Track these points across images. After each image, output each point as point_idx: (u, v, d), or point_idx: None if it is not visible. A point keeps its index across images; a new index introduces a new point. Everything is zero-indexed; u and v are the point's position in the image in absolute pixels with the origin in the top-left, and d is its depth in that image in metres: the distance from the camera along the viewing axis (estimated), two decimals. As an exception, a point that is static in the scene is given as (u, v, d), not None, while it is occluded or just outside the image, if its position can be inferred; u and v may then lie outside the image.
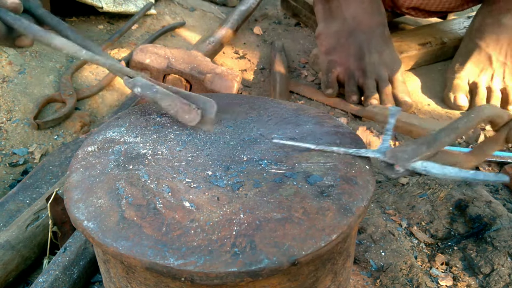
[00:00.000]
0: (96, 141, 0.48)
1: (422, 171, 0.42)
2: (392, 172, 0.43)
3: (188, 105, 0.48)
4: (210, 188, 0.40)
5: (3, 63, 0.98)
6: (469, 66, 1.13)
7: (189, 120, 0.48)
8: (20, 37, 0.56)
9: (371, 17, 1.12)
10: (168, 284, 0.37)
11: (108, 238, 0.36)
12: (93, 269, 0.62)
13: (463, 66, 1.14)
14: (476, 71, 1.13)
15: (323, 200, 0.39)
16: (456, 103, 1.09)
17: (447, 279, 0.63)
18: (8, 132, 0.87)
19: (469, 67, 1.13)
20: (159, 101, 0.49)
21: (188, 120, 0.48)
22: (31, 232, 0.63)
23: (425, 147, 0.43)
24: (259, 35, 1.42)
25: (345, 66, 1.12)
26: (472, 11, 1.49)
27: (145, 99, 0.51)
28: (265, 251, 0.34)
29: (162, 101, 0.49)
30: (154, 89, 0.50)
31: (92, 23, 1.28)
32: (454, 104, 1.10)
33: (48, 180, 0.76)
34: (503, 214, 0.70)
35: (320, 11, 1.18)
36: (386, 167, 0.44)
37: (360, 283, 0.62)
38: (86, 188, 0.41)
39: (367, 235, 0.69)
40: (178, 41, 1.30)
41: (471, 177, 0.41)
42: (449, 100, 1.11)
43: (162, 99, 0.49)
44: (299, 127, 0.50)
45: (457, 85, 1.11)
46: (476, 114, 0.45)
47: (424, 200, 0.76)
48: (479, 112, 0.45)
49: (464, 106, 1.09)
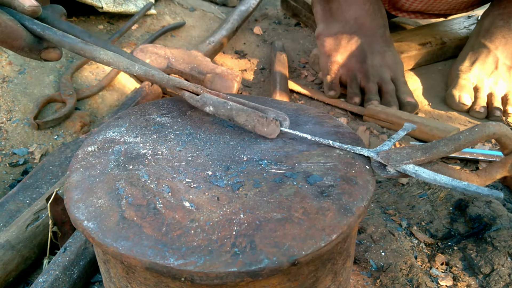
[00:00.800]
0: (96, 141, 0.48)
1: (412, 174, 0.42)
2: (383, 172, 0.43)
3: (265, 118, 0.47)
4: (210, 188, 0.40)
5: (3, 63, 0.98)
6: (476, 68, 1.13)
7: (268, 133, 0.47)
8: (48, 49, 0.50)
9: (372, 19, 1.12)
10: (168, 284, 0.37)
11: (108, 238, 0.36)
12: (93, 269, 0.62)
13: (470, 67, 1.13)
14: (482, 74, 1.12)
15: (323, 200, 0.39)
16: (460, 101, 1.09)
17: (447, 279, 0.63)
18: (8, 132, 0.87)
19: (476, 69, 1.13)
20: (235, 117, 0.48)
21: (268, 133, 0.47)
22: (31, 232, 0.63)
23: (420, 153, 0.43)
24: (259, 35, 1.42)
25: (347, 68, 1.12)
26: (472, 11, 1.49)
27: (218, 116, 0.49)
28: (265, 251, 0.34)
29: (238, 118, 0.48)
30: (228, 106, 0.48)
31: (92, 23, 1.28)
32: (458, 102, 1.09)
33: (48, 180, 0.76)
34: (503, 214, 0.70)
35: (320, 12, 1.18)
36: (378, 166, 0.44)
37: (360, 283, 0.62)
38: (86, 188, 0.41)
39: (367, 235, 0.69)
40: (178, 41, 1.30)
41: (461, 187, 0.40)
42: (452, 98, 1.10)
43: (238, 116, 0.47)
44: (299, 127, 0.50)
45: (464, 85, 1.11)
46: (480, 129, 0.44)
47: (424, 200, 0.76)
48: (483, 128, 0.44)
49: (467, 105, 1.09)
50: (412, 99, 1.06)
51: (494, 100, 1.08)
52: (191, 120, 0.51)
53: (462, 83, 1.11)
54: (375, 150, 0.45)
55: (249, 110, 0.47)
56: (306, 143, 0.47)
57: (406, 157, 0.42)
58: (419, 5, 1.21)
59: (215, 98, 0.49)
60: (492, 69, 1.12)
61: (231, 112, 0.48)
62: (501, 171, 0.46)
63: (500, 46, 1.12)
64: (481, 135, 0.43)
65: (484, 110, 1.07)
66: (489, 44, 1.13)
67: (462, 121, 1.07)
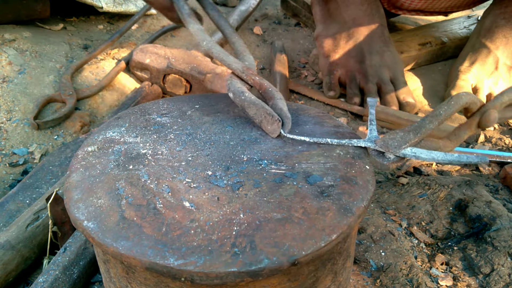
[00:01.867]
0: (96, 141, 0.48)
1: (412, 157, 0.45)
2: (383, 159, 0.45)
3: (272, 116, 0.47)
4: (210, 188, 0.40)
5: (3, 63, 0.98)
6: (475, 68, 1.12)
7: (270, 131, 0.48)
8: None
9: (370, 19, 1.12)
10: (168, 284, 0.37)
11: (108, 238, 0.36)
12: (93, 269, 0.62)
13: (469, 68, 1.13)
14: (482, 74, 1.12)
15: (323, 200, 0.39)
16: None
17: (447, 279, 0.63)
18: (8, 132, 0.87)
19: (476, 69, 1.12)
20: (246, 108, 0.49)
21: (270, 131, 0.48)
22: (31, 232, 0.63)
23: (412, 134, 0.46)
24: (259, 35, 1.42)
25: (346, 68, 1.12)
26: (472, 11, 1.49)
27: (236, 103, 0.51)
28: (265, 251, 0.34)
29: (249, 110, 0.49)
30: (243, 96, 0.50)
31: (92, 23, 1.28)
32: None
33: (48, 180, 0.76)
34: (503, 214, 0.70)
35: (318, 12, 1.18)
36: (377, 154, 0.46)
37: (360, 283, 0.62)
38: (86, 188, 0.41)
39: (367, 235, 0.69)
40: (178, 41, 1.30)
41: (456, 160, 0.45)
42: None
43: (249, 107, 0.49)
44: (299, 127, 0.50)
45: (462, 86, 1.10)
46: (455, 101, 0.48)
47: (424, 200, 0.76)
48: (458, 99, 0.49)
49: None
50: (411, 99, 1.06)
51: None
52: (191, 120, 0.51)
53: (460, 84, 1.11)
54: (370, 139, 0.46)
55: (260, 105, 0.48)
56: (306, 143, 0.47)
57: (402, 141, 0.45)
58: (419, 4, 1.21)
59: (237, 87, 0.51)
60: (492, 70, 1.12)
61: (244, 103, 0.49)
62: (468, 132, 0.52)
63: (501, 46, 1.12)
64: (457, 106, 0.48)
65: None
66: (489, 44, 1.13)
67: (462, 121, 1.07)
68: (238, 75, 0.54)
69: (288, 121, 0.48)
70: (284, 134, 0.47)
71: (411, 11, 1.27)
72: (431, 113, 0.48)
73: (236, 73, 0.54)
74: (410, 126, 0.47)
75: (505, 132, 1.02)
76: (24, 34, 1.09)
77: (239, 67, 0.54)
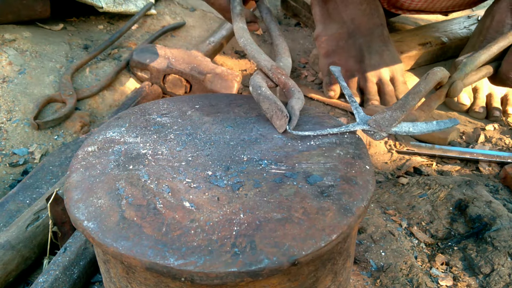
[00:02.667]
0: (96, 141, 0.48)
1: (403, 133, 0.49)
2: (377, 137, 0.50)
3: (281, 111, 0.48)
4: (210, 188, 0.40)
5: (3, 63, 0.98)
6: None
7: (278, 126, 0.49)
8: None
9: (370, 19, 1.12)
10: (168, 284, 0.37)
11: (108, 238, 0.36)
12: (93, 269, 0.62)
13: None
14: None
15: (323, 200, 0.39)
16: (459, 102, 1.08)
17: (447, 279, 0.63)
18: (8, 132, 0.87)
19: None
20: (261, 102, 0.51)
21: (278, 126, 0.49)
22: (31, 232, 0.63)
23: (399, 112, 0.50)
24: (259, 35, 1.42)
25: (346, 68, 1.11)
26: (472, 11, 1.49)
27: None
28: (265, 251, 0.34)
29: (262, 104, 0.50)
30: (259, 90, 0.51)
31: (92, 23, 1.28)
32: (457, 102, 1.09)
33: (48, 180, 0.76)
34: (503, 214, 0.70)
35: (318, 13, 1.18)
36: (371, 134, 0.50)
37: (360, 283, 0.62)
38: (86, 188, 0.41)
39: (367, 235, 0.69)
40: (178, 41, 1.30)
41: (436, 128, 0.49)
42: (451, 99, 1.10)
43: (263, 102, 0.50)
44: (299, 127, 0.50)
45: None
46: (432, 77, 0.54)
47: (424, 200, 0.76)
48: (433, 75, 0.54)
49: (466, 105, 1.08)
50: None
51: (493, 101, 1.08)
52: (191, 120, 0.51)
53: None
54: (362, 121, 0.50)
55: (273, 100, 0.49)
56: (306, 143, 0.47)
57: (392, 120, 0.49)
58: (419, 4, 1.21)
59: (257, 81, 0.53)
60: None
61: (260, 97, 0.51)
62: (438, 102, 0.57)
63: None
64: (434, 82, 0.54)
65: (483, 110, 1.07)
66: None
67: (462, 121, 1.07)
68: (265, 72, 0.57)
69: (294, 118, 0.49)
70: (289, 130, 0.48)
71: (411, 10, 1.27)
72: (411, 90, 0.52)
73: (264, 70, 0.57)
74: (395, 104, 0.51)
75: (505, 132, 1.02)
76: (24, 34, 1.09)
77: (268, 65, 0.56)
